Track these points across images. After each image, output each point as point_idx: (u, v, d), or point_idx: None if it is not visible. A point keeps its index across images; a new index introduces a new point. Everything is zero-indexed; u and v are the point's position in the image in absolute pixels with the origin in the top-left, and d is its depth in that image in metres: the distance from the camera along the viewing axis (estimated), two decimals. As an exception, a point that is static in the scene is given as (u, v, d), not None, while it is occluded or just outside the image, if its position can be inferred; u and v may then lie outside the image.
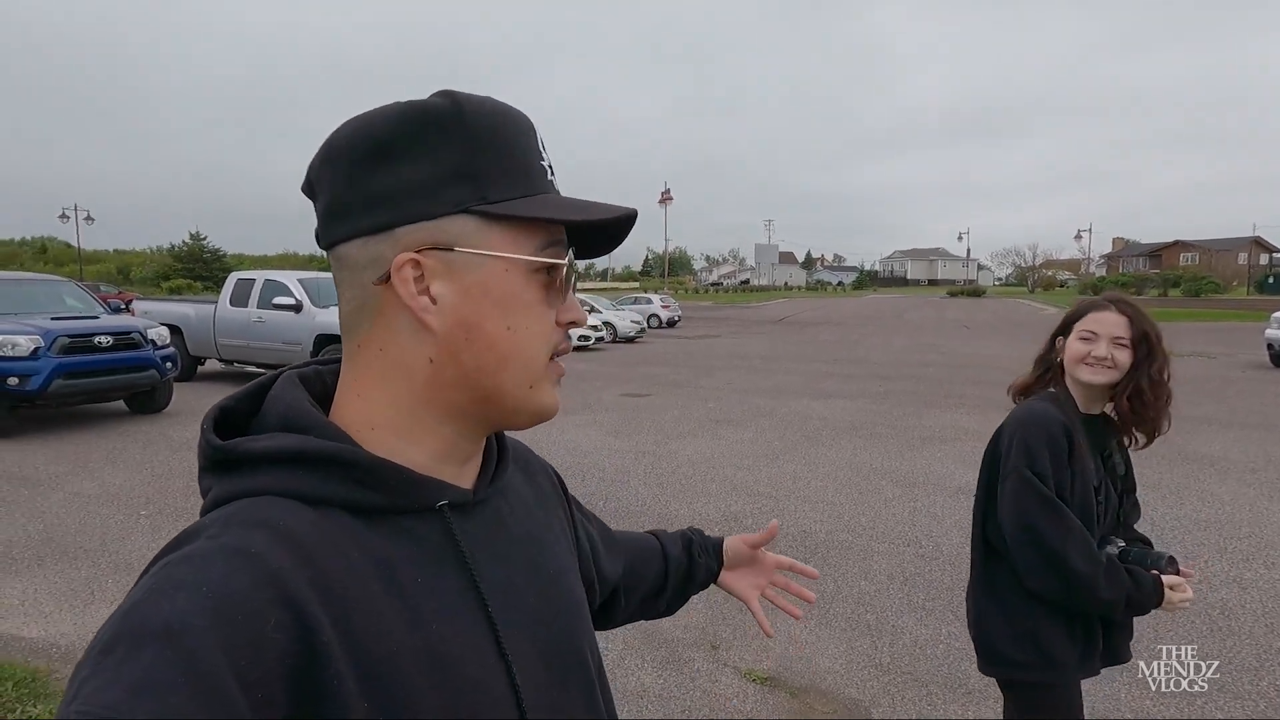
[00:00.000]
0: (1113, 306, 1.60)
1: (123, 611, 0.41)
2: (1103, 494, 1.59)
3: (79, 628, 3.27)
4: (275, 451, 0.50)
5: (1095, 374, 1.57)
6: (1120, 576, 1.51)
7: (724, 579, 1.05)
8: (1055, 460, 1.52)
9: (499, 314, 0.53)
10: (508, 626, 0.54)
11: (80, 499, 5.16)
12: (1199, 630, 3.24)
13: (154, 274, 56.40)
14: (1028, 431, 1.55)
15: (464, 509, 0.56)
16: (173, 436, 7.21)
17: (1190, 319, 29.12)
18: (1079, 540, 1.49)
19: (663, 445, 6.92)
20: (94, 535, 4.44)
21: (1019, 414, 1.62)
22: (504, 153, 0.53)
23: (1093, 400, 1.64)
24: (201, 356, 11.23)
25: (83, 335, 7.47)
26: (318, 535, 0.47)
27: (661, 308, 26.79)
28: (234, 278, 11.17)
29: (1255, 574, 3.87)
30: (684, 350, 17.52)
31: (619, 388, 10.70)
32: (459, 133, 0.52)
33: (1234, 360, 14.33)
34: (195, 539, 0.45)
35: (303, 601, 0.43)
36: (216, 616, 0.40)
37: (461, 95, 0.53)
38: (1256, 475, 5.81)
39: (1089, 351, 1.57)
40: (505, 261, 0.53)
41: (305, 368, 0.60)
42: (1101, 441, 1.64)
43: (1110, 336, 1.57)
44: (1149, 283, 46.13)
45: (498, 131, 0.53)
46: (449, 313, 0.52)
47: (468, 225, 0.52)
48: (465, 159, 0.52)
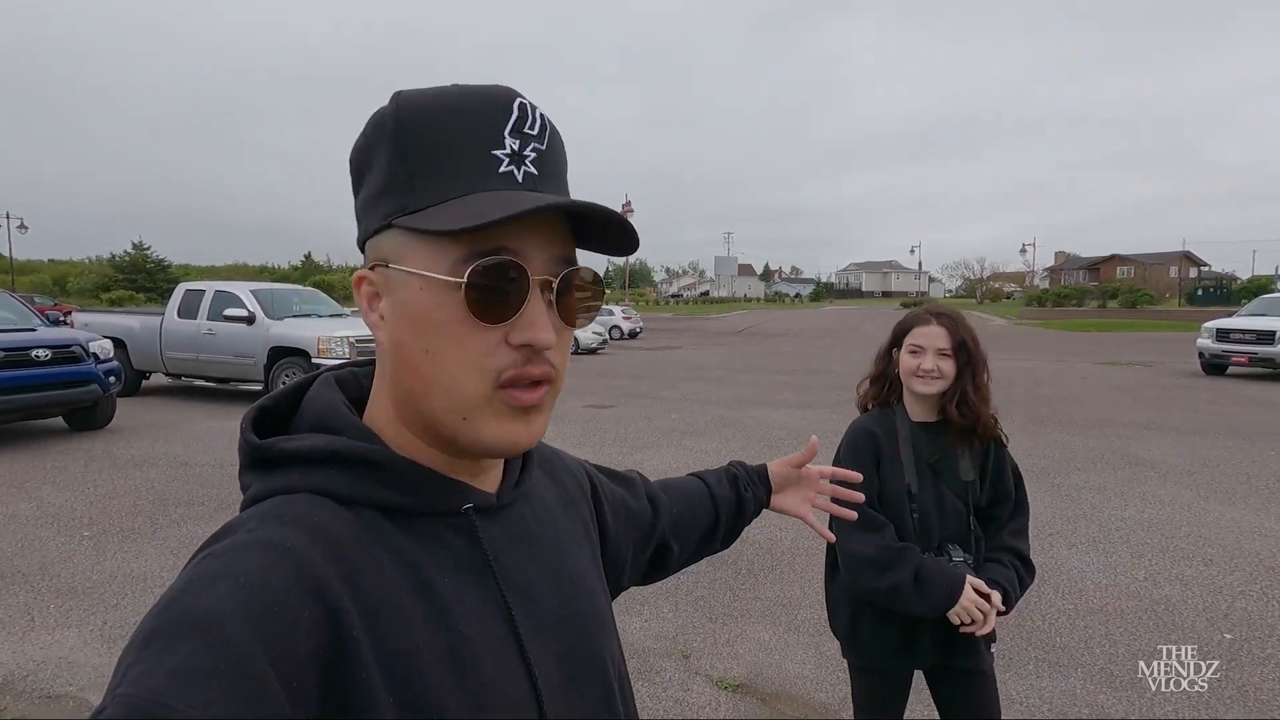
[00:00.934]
0: (933, 320, 1.69)
1: (163, 603, 0.42)
2: (931, 499, 1.65)
3: (18, 656, 3.09)
4: (309, 451, 0.51)
5: (927, 385, 1.65)
6: (898, 568, 1.57)
7: (775, 502, 1.06)
8: (855, 466, 1.55)
9: (415, 336, 0.50)
10: (530, 630, 0.54)
11: (16, 521, 4.89)
12: (1145, 627, 3.38)
13: (93, 285, 53.87)
14: (844, 442, 1.75)
15: (488, 512, 0.56)
16: (116, 454, 6.90)
17: (1128, 329, 30.53)
18: (856, 532, 1.62)
19: (628, 456, 6.92)
20: (33, 559, 4.21)
21: (849, 426, 1.78)
22: (436, 154, 0.49)
23: (929, 409, 1.71)
24: (146, 370, 10.78)
25: (18, 349, 7.10)
26: (350, 533, 0.48)
27: (623, 319, 26.88)
28: (182, 288, 10.78)
29: (1195, 571, 4.07)
30: (646, 361, 17.57)
31: (582, 399, 10.66)
32: (393, 138, 0.50)
33: (1169, 368, 15.06)
34: (234, 533, 0.47)
35: (335, 596, 0.44)
36: (253, 607, 0.41)
37: (405, 93, 0.51)
38: (1193, 477, 6.11)
39: (918, 365, 1.66)
40: (420, 279, 0.49)
41: (342, 370, 0.61)
42: (937, 448, 1.68)
43: (935, 348, 1.65)
44: (1089, 294, 48.20)
45: (432, 130, 0.49)
46: (388, 331, 0.52)
47: (395, 240, 0.50)
48: (397, 166, 0.50)
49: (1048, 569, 4.08)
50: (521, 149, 0.50)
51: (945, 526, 1.66)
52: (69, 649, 3.15)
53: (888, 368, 1.77)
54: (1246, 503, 5.37)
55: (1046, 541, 4.53)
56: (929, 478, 1.67)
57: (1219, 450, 7.12)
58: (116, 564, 4.13)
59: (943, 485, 1.67)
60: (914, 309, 1.77)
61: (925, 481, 1.66)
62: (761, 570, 4.09)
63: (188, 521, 4.89)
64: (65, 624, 3.39)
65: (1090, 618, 3.46)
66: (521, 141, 0.50)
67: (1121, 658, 3.11)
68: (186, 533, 4.65)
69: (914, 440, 1.69)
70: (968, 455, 1.68)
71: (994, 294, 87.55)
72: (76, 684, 2.88)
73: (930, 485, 1.66)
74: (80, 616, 3.46)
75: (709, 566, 4.12)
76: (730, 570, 4.08)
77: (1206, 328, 13.83)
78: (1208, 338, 13.62)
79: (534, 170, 0.51)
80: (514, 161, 0.50)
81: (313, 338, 9.24)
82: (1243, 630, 3.34)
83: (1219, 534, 4.67)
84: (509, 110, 0.50)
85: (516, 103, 0.51)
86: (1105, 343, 23.48)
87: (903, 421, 1.71)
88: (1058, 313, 43.48)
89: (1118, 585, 3.86)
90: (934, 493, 1.66)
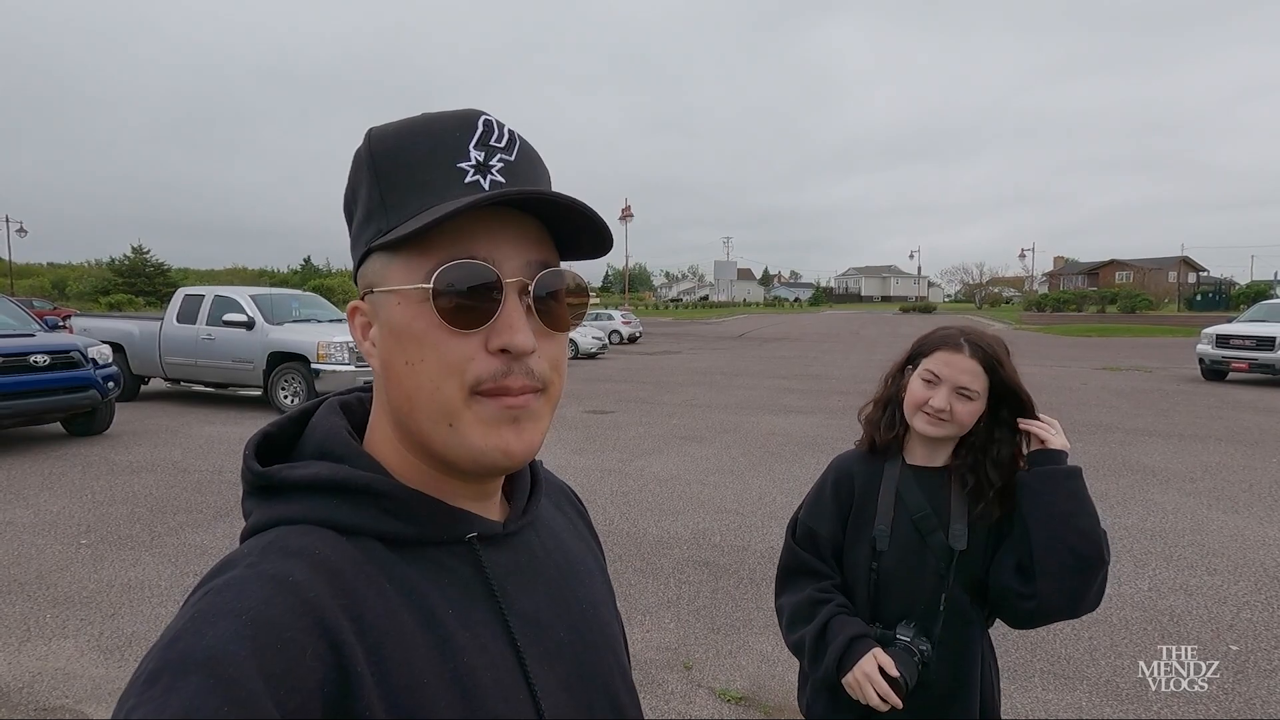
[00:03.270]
0: (966, 347, 1.31)
1: (166, 641, 0.42)
2: (904, 565, 1.32)
3: (14, 667, 3.07)
4: (311, 480, 0.51)
5: (932, 426, 1.31)
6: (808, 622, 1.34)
7: None
8: (819, 510, 1.43)
9: (399, 350, 0.51)
10: (535, 659, 0.54)
11: (14, 528, 4.86)
12: (1150, 637, 3.36)
13: (92, 288, 53.85)
14: (816, 483, 1.48)
15: (494, 541, 0.56)
16: (114, 460, 6.87)
17: (1127, 334, 30.55)
18: (788, 579, 1.44)
19: (628, 463, 6.90)
20: (29, 567, 4.18)
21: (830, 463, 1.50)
22: (405, 174, 0.50)
23: (934, 452, 1.37)
24: (145, 375, 10.75)
25: (16, 354, 7.07)
26: (352, 565, 0.48)
27: (623, 324, 26.86)
28: (181, 293, 10.76)
29: (1200, 580, 4.05)
30: (646, 366, 17.56)
31: (582, 404, 10.64)
32: (368, 169, 0.52)
33: (1169, 374, 15.06)
34: (235, 567, 0.46)
35: (338, 630, 0.44)
36: (256, 644, 0.41)
37: (375, 128, 0.53)
38: (1195, 484, 6.09)
39: (927, 399, 1.31)
40: (397, 294, 0.50)
41: (348, 394, 0.61)
42: (928, 502, 1.34)
43: (955, 385, 1.29)
44: (1088, 299, 48.19)
45: (401, 153, 0.51)
46: (379, 355, 0.53)
47: (376, 264, 0.52)
48: (374, 194, 0.52)
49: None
50: (487, 160, 0.51)
51: (916, 601, 1.31)
52: (66, 660, 3.12)
53: (897, 392, 1.42)
54: (1250, 510, 5.35)
55: (1049, 550, 4.50)
56: (911, 539, 1.32)
57: (1220, 456, 7.10)
58: (114, 573, 4.10)
59: (927, 551, 1.32)
60: (948, 329, 1.38)
61: (902, 542, 1.32)
62: (763, 580, 4.06)
63: (186, 529, 4.86)
64: (62, 634, 3.36)
65: (1094, 628, 3.44)
66: (487, 153, 0.51)
67: (1126, 670, 3.08)
68: (185, 541, 4.63)
69: (901, 488, 1.35)
70: (965, 517, 1.31)
71: (993, 299, 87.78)
72: (73, 696, 2.85)
73: (910, 548, 1.32)
74: (77, 626, 3.43)
75: (710, 576, 4.10)
76: (732, 580, 4.06)
77: (1206, 333, 13.83)
78: (1207, 343, 13.62)
79: (501, 179, 0.51)
80: (479, 171, 0.50)
81: (312, 343, 9.22)
82: (1248, 641, 3.32)
83: (1223, 543, 4.65)
84: (473, 126, 0.51)
85: (481, 119, 0.52)
86: (1104, 348, 23.49)
87: (894, 463, 1.38)
88: (1057, 318, 43.55)
89: (1121, 595, 3.84)
90: (912, 559, 1.32)
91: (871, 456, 1.43)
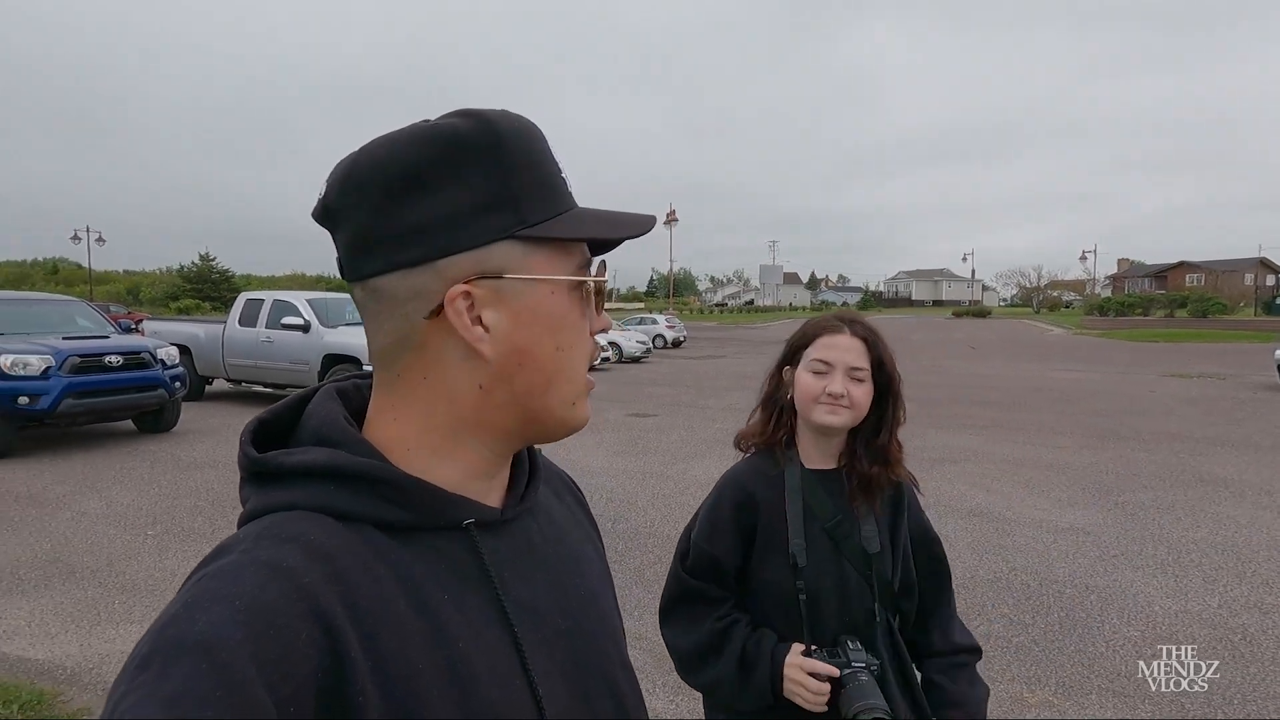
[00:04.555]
0: (846, 328, 1.29)
1: (159, 626, 0.42)
2: (829, 578, 1.24)
3: (84, 649, 3.24)
4: (308, 466, 0.50)
5: (834, 414, 1.25)
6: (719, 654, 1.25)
7: None
8: (717, 533, 1.31)
9: (549, 336, 0.54)
10: (533, 645, 0.53)
11: (87, 518, 5.15)
12: (1220, 657, 3.17)
13: (163, 294, 56.76)
14: (706, 501, 1.36)
15: (492, 527, 0.55)
16: (180, 456, 7.21)
17: (1198, 340, 29.00)
18: (679, 611, 1.32)
19: (670, 466, 6.89)
20: (100, 555, 4.42)
21: (720, 479, 1.38)
22: (535, 171, 0.53)
23: (828, 452, 1.31)
24: (210, 376, 11.26)
25: (93, 355, 7.50)
26: (348, 551, 0.48)
27: (666, 328, 26.82)
28: (243, 298, 11.26)
29: (1276, 599, 3.80)
30: (689, 370, 17.50)
31: (625, 408, 10.67)
32: (492, 156, 0.51)
33: (1244, 381, 14.22)
34: (230, 553, 0.46)
35: (332, 617, 0.44)
36: (250, 630, 0.40)
37: (488, 114, 0.52)
38: (1273, 498, 5.73)
39: (824, 387, 1.25)
40: (551, 284, 0.53)
41: (345, 381, 0.60)
42: (837, 508, 1.27)
43: (846, 366, 1.25)
44: (1155, 303, 45.91)
45: (527, 150, 0.53)
46: (502, 340, 0.52)
47: (513, 251, 0.52)
48: (501, 183, 0.51)
49: (1111, 593, 3.88)
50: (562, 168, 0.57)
51: (847, 615, 1.24)
52: (131, 643, 3.26)
53: (777, 392, 1.35)
54: (1333, 526, 5.01)
55: (1110, 564, 4.31)
56: (826, 550, 1.25)
57: (1301, 469, 6.68)
58: (177, 562, 4.29)
59: (844, 560, 1.25)
60: (817, 315, 1.35)
61: (820, 554, 1.25)
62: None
63: (244, 523, 5.07)
64: (129, 619, 3.54)
65: (1158, 645, 3.27)
66: None
67: (1197, 694, 2.92)
68: (242, 534, 4.82)
69: (808, 496, 1.27)
70: (872, 517, 1.27)
71: (1052, 303, 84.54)
72: (137, 678, 3.00)
73: (828, 559, 1.25)
74: (143, 613, 3.61)
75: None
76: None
77: (1286, 338, 13.02)
78: (1287, 349, 12.82)
79: (572, 188, 0.57)
80: (568, 182, 0.57)
81: (363, 345, 9.38)
82: (1331, 665, 3.10)
83: (1302, 559, 4.37)
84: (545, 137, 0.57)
85: None
86: (1173, 354, 22.33)
87: (793, 470, 1.29)
88: (1121, 322, 41.57)
89: (1188, 612, 3.64)
90: (833, 569, 1.24)
91: (766, 465, 1.33)
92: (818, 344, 1.29)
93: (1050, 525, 5.07)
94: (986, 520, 5.21)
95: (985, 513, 5.39)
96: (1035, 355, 22.14)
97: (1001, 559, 4.42)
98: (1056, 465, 6.86)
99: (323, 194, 0.53)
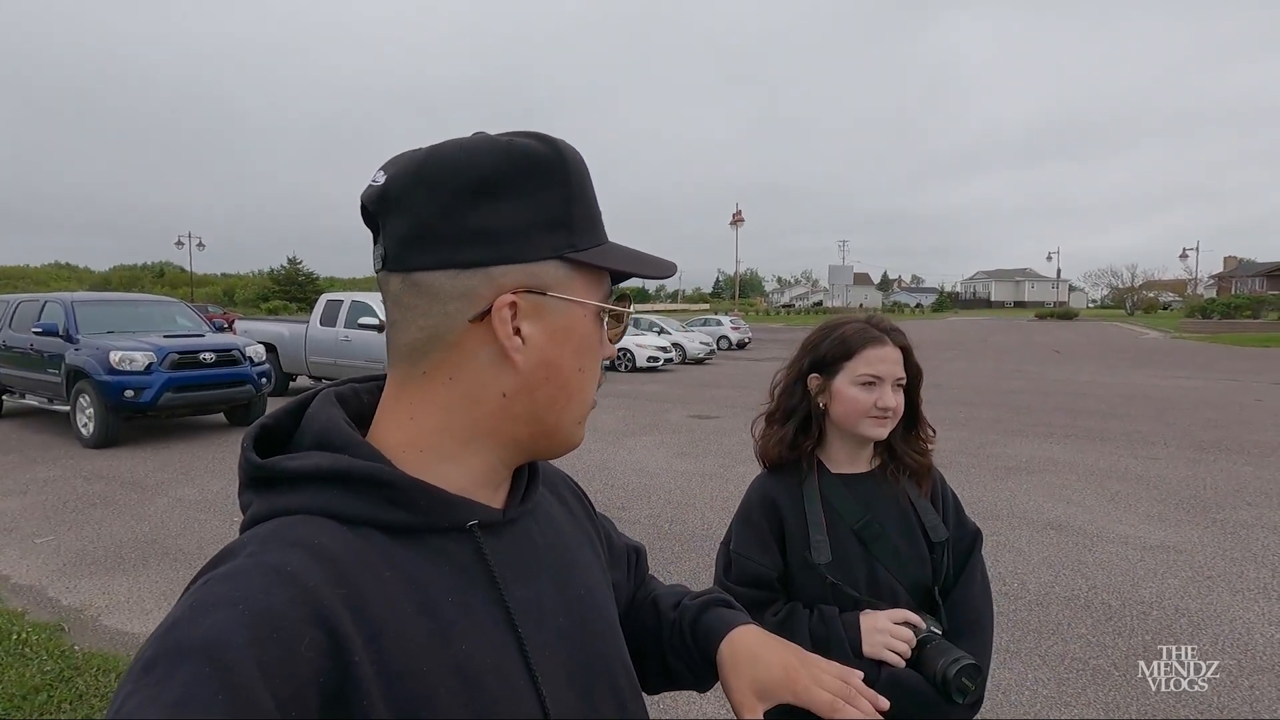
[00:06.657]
0: (888, 339, 1.27)
1: (164, 629, 0.42)
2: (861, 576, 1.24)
3: (175, 626, 3.49)
4: (310, 470, 0.51)
5: (878, 427, 1.25)
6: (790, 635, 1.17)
7: None
8: (754, 541, 1.29)
9: (575, 356, 0.57)
10: (537, 645, 0.54)
11: (183, 504, 5.54)
12: (1332, 692, 2.89)
13: (255, 295, 60.61)
14: (737, 516, 1.35)
15: (494, 528, 0.56)
16: (265, 448, 7.64)
17: (1317, 345, 26.47)
18: None
19: (729, 469, 6.82)
20: (193, 539, 4.75)
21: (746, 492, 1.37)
22: (588, 201, 0.57)
23: (858, 456, 1.31)
24: (294, 373, 11.90)
25: (190, 352, 8.09)
26: (351, 554, 0.48)
27: (731, 329, 26.61)
28: (324, 299, 11.84)
29: (1401, 632, 3.43)
30: (753, 373, 17.28)
31: (686, 409, 10.64)
32: (559, 180, 0.55)
33: (1371, 391, 12.90)
34: (234, 557, 0.46)
35: (336, 620, 0.44)
36: (254, 633, 0.41)
37: (559, 143, 0.56)
38: (1401, 520, 5.18)
39: (874, 401, 1.23)
40: (586, 308, 0.56)
41: (343, 386, 0.61)
42: (865, 508, 1.27)
43: (893, 379, 1.25)
44: (1266, 304, 42.19)
45: (582, 181, 0.57)
46: (534, 352, 0.54)
47: (559, 271, 0.55)
48: (562, 207, 0.54)
49: (1206, 617, 3.60)
50: None
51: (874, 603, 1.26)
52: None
53: (802, 402, 1.33)
54: None
55: (1205, 585, 3.99)
56: (855, 552, 1.24)
57: None
58: (259, 548, 4.56)
59: (875, 561, 1.24)
60: (851, 324, 1.31)
61: (847, 556, 1.24)
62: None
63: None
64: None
65: (1258, 677, 3.00)
66: None
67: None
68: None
69: (833, 499, 1.27)
70: (928, 506, 1.30)
71: (1148, 304, 79.03)
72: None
73: (857, 561, 1.24)
74: (227, 594, 3.85)
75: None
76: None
77: None
78: None
79: None
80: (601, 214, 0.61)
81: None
82: None
83: None
84: None
85: None
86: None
87: (813, 479, 1.29)
88: (1226, 325, 38.37)
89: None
90: (864, 571, 1.24)
91: (790, 473, 1.31)
92: (863, 357, 1.26)
93: (1138, 542, 4.74)
94: (1065, 534, 4.92)
95: (1064, 526, 5.09)
96: (1128, 360, 20.73)
97: (1081, 576, 4.17)
98: (1148, 478, 6.41)
99: (381, 181, 0.53)
